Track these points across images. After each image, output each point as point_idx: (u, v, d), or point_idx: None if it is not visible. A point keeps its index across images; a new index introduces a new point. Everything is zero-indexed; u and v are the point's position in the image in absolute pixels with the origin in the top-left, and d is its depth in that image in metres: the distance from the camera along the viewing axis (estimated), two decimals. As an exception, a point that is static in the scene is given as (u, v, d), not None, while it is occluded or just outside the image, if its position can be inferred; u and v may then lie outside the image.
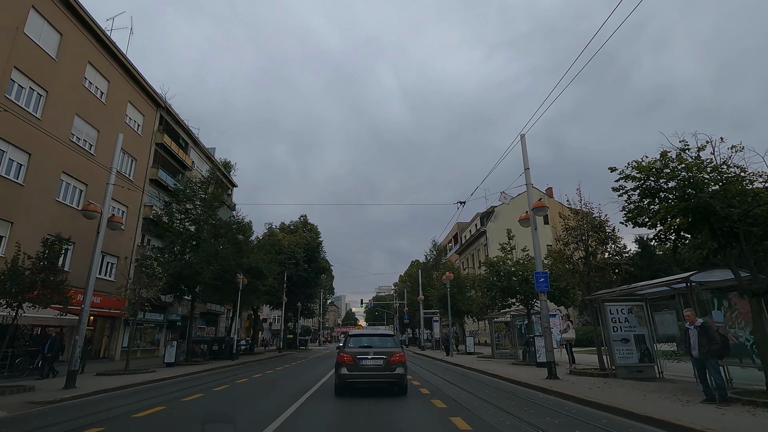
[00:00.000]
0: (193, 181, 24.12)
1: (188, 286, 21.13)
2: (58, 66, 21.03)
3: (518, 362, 19.05)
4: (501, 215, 49.77)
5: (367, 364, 9.62)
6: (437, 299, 30.98)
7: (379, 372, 9.60)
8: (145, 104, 28.98)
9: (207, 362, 22.45)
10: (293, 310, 49.74)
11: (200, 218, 22.29)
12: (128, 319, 26.86)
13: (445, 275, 25.69)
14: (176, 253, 21.19)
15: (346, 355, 9.78)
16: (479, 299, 25.05)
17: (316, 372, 17.43)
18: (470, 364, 19.24)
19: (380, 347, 10.06)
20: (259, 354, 34.84)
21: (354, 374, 9.61)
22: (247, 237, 26.02)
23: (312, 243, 48.84)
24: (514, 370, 15.38)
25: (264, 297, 30.45)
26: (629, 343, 12.14)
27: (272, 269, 29.61)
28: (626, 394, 8.82)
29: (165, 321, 31.75)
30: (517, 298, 19.33)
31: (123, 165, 26.72)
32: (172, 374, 16.08)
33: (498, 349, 23.10)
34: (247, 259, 25.01)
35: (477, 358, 23.58)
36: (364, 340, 10.66)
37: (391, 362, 9.58)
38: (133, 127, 27.68)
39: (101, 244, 12.30)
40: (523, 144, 13.33)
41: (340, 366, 9.75)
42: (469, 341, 28.02)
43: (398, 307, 66.07)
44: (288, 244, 37.32)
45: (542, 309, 12.33)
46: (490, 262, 19.37)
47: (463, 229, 63.63)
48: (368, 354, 9.76)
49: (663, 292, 11.92)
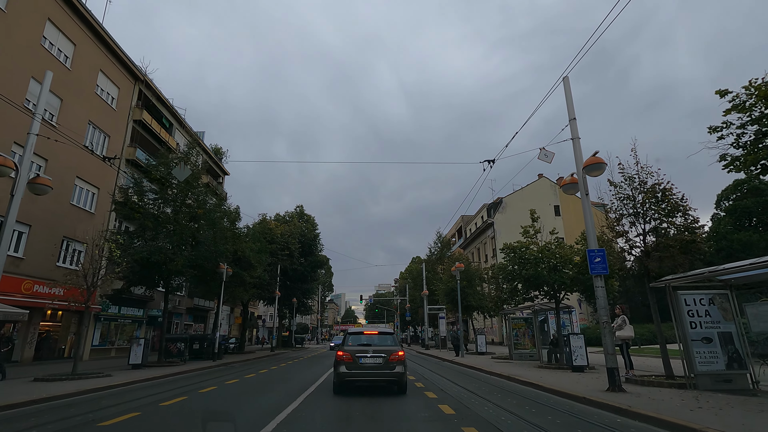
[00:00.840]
0: (169, 156, 21.16)
1: (160, 275, 18.19)
2: (9, 19, 18.09)
3: (545, 365, 16.16)
4: (509, 206, 46.87)
5: (366, 362, 9.53)
6: (444, 293, 28.10)
7: (379, 370, 9.50)
8: (119, 75, 26.01)
9: (184, 363, 19.57)
10: (288, 306, 46.86)
11: (176, 197, 19.33)
12: (99, 314, 24.09)
13: (456, 265, 22.81)
14: (147, 238, 18.30)
15: (345, 353, 9.67)
16: (494, 292, 22.18)
17: (303, 378, 14.54)
18: (488, 367, 16.38)
19: (379, 345, 9.98)
20: (248, 353, 31.94)
21: (353, 372, 9.52)
22: (232, 222, 23.09)
23: (308, 235, 45.95)
24: (550, 377, 12.50)
25: (253, 290, 27.53)
26: (712, 344, 9.24)
27: (262, 260, 26.72)
28: (753, 419, 5.96)
29: (145, 317, 28.86)
30: (542, 290, 16.44)
31: (94, 141, 23.81)
32: (129, 379, 13.17)
33: (516, 348, 20.21)
34: (232, 246, 22.09)
35: (492, 360, 20.69)
36: (363, 338, 10.52)
37: (391, 360, 9.50)
38: (105, 99, 24.72)
39: (17, 211, 9.37)
40: (567, 88, 10.38)
41: (339, 364, 9.64)
42: (480, 340, 25.13)
43: (399, 304, 63.19)
44: (281, 234, 34.33)
45: (599, 298, 9.42)
46: (511, 248, 16.45)
47: (468, 222, 60.74)
48: (367, 352, 9.64)
49: (757, 276, 9.01)
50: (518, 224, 45.49)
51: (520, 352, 20.04)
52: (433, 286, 38.11)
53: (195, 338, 23.34)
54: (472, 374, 15.44)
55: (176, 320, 34.44)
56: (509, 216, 46.00)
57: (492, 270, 22.75)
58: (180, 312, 34.39)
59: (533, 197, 47.21)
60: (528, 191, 47.88)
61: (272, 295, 35.41)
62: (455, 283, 26.44)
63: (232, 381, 13.37)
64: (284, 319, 47.27)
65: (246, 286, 25.93)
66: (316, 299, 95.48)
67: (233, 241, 22.86)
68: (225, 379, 13.95)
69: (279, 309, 46.30)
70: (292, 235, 35.39)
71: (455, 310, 29.05)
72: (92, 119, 23.41)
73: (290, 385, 12.26)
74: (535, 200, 47.02)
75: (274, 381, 13.81)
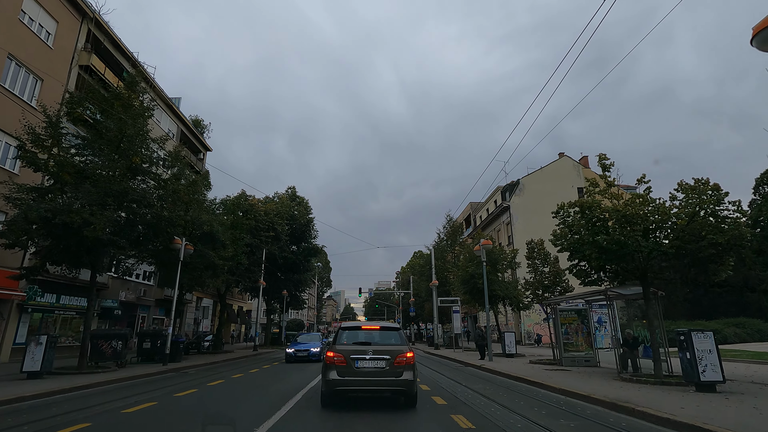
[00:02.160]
0: (96, 87, 15.97)
1: (80, 246, 12.99)
2: None
3: (629, 377, 11.02)
4: (528, 188, 41.71)
5: (365, 366, 7.28)
6: (461, 281, 22.95)
7: (381, 378, 7.27)
8: (58, 6, 20.80)
9: (120, 369, 14.49)
10: (279, 299, 41.73)
11: (111, 142, 14.17)
12: (24, 304, 18.98)
13: (482, 242, 17.59)
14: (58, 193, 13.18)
15: (336, 354, 7.40)
16: (528, 278, 17.15)
17: (278, 390, 9.48)
18: (537, 378, 11.31)
19: (382, 344, 7.78)
20: (226, 353, 26.80)
21: (347, 380, 7.25)
22: (192, 183, 17.90)
23: (300, 219, 40.79)
24: (666, 400, 7.44)
25: (227, 277, 22.24)
26: None
27: (237, 239, 21.53)
28: None
29: (98, 309, 23.76)
30: (620, 267, 11.31)
31: (18, 84, 18.64)
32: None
33: (567, 350, 15.08)
34: (189, 215, 16.95)
35: (533, 365, 15.57)
36: (360, 334, 8.22)
37: (397, 364, 7.26)
38: (35, 31, 19.53)
39: None
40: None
41: (329, 369, 7.33)
42: (508, 338, 20.00)
43: (402, 298, 58.03)
44: (265, 213, 29.05)
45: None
46: (588, 206, 11.16)
47: (477, 210, 55.57)
48: (366, 353, 7.40)
49: None
50: (539, 207, 40.50)
51: (572, 355, 14.94)
52: (443, 277, 32.98)
53: (145, 335, 18.16)
54: (516, 388, 10.38)
55: (142, 314, 29.34)
56: (527, 199, 40.87)
57: (534, 245, 17.61)
58: (146, 304, 29.27)
59: (554, 178, 42.08)
60: (548, 171, 42.70)
61: (255, 284, 30.23)
62: (476, 268, 21.32)
63: (145, 405, 8.24)
64: (273, 314, 42.11)
65: (216, 270, 20.74)
66: (311, 293, 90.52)
67: (195, 209, 17.73)
68: (148, 397, 8.88)
69: (268, 302, 41.28)
70: (279, 215, 30.06)
71: (473, 302, 23.93)
72: (15, 54, 18.22)
73: (253, 405, 7.86)
74: (557, 181, 41.91)
75: (235, 395, 8.81)
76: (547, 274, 16.94)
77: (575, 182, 42.24)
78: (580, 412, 7.21)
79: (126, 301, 26.52)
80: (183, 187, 16.21)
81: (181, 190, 15.95)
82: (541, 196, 40.89)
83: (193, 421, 6.58)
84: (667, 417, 6.18)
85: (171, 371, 15.30)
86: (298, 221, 40.35)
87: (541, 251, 17.28)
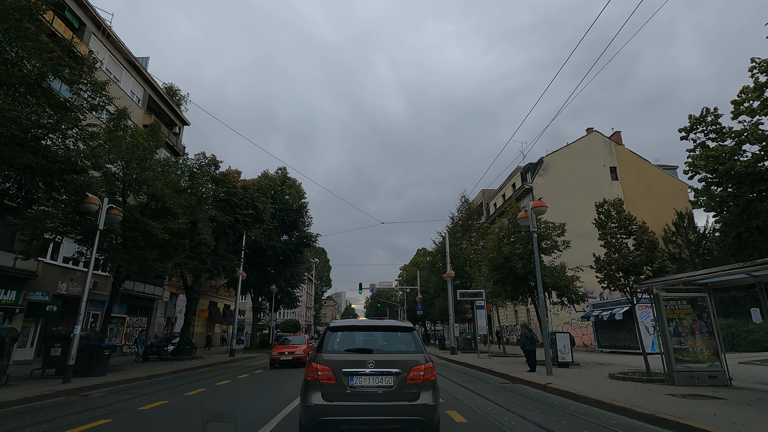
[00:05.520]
0: None
1: None
2: None
3: None
4: (553, 167, 36.29)
5: (363, 385, 4.63)
6: (491, 266, 17.43)
7: (387, 403, 4.56)
8: None
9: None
10: (267, 295, 36.43)
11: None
12: None
13: (533, 203, 12.22)
14: None
15: (322, 367, 4.70)
16: (605, 256, 11.89)
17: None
18: (689, 418, 5.97)
19: (388, 352, 5.11)
20: (193, 359, 21.44)
21: (336, 406, 4.51)
22: (121, 114, 12.61)
23: (292, 204, 35.52)
24: None
25: (181, 259, 16.61)
26: None
27: (193, 206, 16.12)
28: None
29: (23, 303, 18.52)
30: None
31: None
32: None
33: (682, 360, 9.72)
34: (114, 163, 11.64)
35: (638, 384, 10.21)
36: (357, 337, 5.40)
37: (411, 382, 4.63)
38: None
39: None
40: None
41: (311, 389, 4.63)
42: (561, 341, 14.60)
43: (407, 295, 52.57)
44: (243, 188, 23.59)
45: None
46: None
47: (490, 198, 50.25)
48: (365, 365, 4.70)
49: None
50: (566, 188, 35.04)
51: (688, 367, 9.57)
52: (459, 269, 27.59)
53: (54, 338, 12.73)
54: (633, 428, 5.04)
55: (95, 310, 24.02)
56: (553, 179, 35.51)
57: (610, 206, 12.23)
58: (99, 299, 23.93)
59: (582, 156, 36.77)
60: (576, 148, 37.32)
61: (234, 275, 24.90)
62: (512, 248, 15.99)
63: None
64: (260, 313, 36.80)
65: (168, 250, 15.38)
66: (308, 291, 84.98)
67: (135, 167, 12.42)
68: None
69: (255, 299, 35.96)
70: (261, 190, 24.54)
71: (506, 294, 18.52)
72: None
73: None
74: (585, 159, 36.59)
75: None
76: (631, 250, 11.65)
77: (607, 161, 36.94)
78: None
79: (68, 295, 21.23)
80: (118, 137, 10.91)
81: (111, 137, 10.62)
82: (569, 175, 35.59)
83: None
84: None
85: (69, 392, 10.00)
86: (289, 205, 35.10)
87: (622, 215, 11.96)
